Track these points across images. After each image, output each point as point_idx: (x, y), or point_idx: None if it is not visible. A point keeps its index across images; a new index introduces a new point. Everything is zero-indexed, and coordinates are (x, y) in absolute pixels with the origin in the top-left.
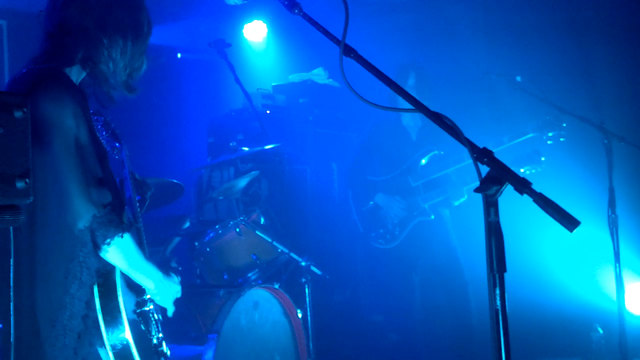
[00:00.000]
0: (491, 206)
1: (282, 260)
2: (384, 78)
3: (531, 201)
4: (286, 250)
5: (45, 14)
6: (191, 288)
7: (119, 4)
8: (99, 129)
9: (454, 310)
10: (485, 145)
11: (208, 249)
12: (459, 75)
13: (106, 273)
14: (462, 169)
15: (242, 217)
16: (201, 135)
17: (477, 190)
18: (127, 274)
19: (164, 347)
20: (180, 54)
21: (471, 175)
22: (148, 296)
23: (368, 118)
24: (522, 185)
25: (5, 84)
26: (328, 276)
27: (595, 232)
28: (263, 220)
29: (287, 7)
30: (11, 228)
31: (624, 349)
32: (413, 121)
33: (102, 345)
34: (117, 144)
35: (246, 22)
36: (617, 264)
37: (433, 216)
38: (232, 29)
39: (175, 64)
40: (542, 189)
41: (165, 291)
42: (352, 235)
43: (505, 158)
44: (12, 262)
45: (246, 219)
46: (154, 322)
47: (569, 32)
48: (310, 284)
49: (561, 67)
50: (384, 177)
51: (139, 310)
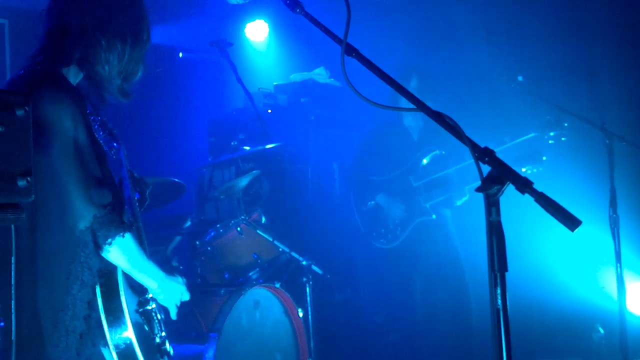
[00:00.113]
0: (492, 206)
1: (283, 259)
2: (385, 77)
3: (532, 201)
4: (287, 249)
5: (46, 12)
6: (192, 287)
7: (121, 9)
8: (96, 129)
9: (454, 310)
10: (487, 144)
11: (209, 248)
12: (460, 76)
13: (108, 273)
14: (464, 168)
15: (243, 217)
16: (202, 134)
17: (479, 189)
18: (129, 274)
19: (167, 346)
20: (182, 53)
21: (472, 174)
22: (150, 295)
23: (369, 118)
24: (524, 185)
25: (5, 84)
26: (329, 275)
27: (596, 232)
28: (264, 220)
29: (289, 6)
30: (13, 227)
31: (625, 349)
32: (414, 121)
33: (106, 345)
34: (114, 144)
35: (248, 22)
36: (618, 264)
37: (434, 216)
38: (233, 28)
39: (177, 63)
40: (543, 188)
41: (168, 291)
42: (353, 235)
43: (506, 157)
44: (14, 262)
45: (247, 218)
46: (157, 321)
47: (570, 32)
48: (311, 283)
49: (562, 67)
50: (385, 177)
51: (141, 310)
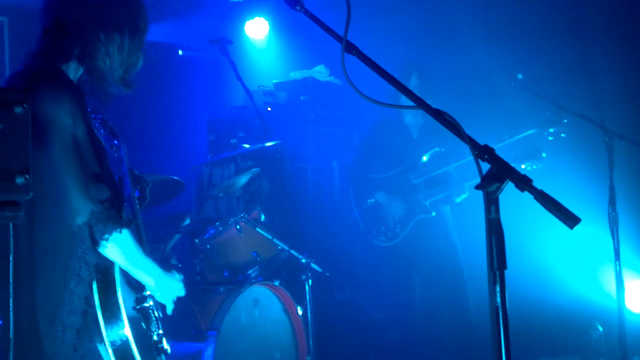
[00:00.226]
0: (492, 203)
1: (282, 257)
2: (385, 75)
3: (532, 198)
4: (286, 247)
5: (42, 9)
6: (191, 285)
7: (116, 0)
8: (97, 127)
9: (454, 308)
10: (486, 142)
11: (208, 246)
12: (460, 74)
13: (105, 269)
14: (463, 165)
15: (242, 215)
16: (202, 132)
17: (478, 187)
18: (126, 270)
19: (165, 344)
20: (182, 51)
21: (472, 171)
22: (148, 292)
23: (369, 116)
24: (523, 183)
25: (5, 80)
26: (328, 273)
27: (595, 230)
28: (263, 218)
29: (289, 4)
30: (11, 225)
31: (624, 346)
32: (414, 119)
33: (102, 341)
34: (115, 142)
35: (248, 19)
36: (617, 262)
37: (434, 213)
38: (233, 26)
39: (177, 61)
40: (543, 186)
41: (166, 288)
42: (352, 233)
43: (506, 154)
44: (12, 259)
45: (247, 216)
46: (154, 318)
47: (569, 31)
48: (310, 281)
49: (562, 66)
50: (385, 174)
51: (138, 307)
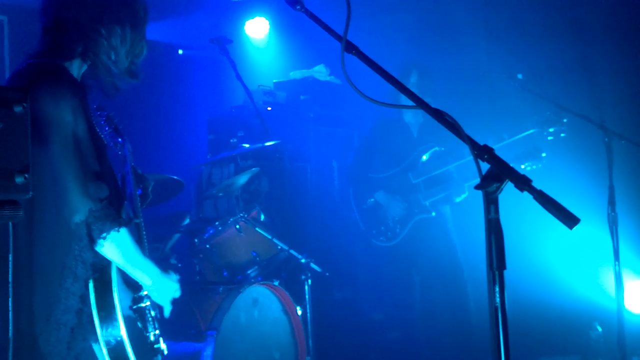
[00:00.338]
0: (491, 203)
1: (282, 257)
2: (385, 75)
3: (531, 198)
4: (286, 247)
5: (41, 8)
6: (190, 285)
7: None
8: (101, 124)
9: (453, 308)
10: (486, 141)
11: (208, 245)
12: (460, 73)
13: (102, 268)
14: (463, 165)
15: (242, 214)
16: (201, 131)
17: (478, 187)
18: (124, 269)
19: (161, 344)
20: (182, 50)
21: (472, 171)
22: (145, 292)
23: (369, 115)
24: (523, 183)
25: (6, 79)
26: (328, 273)
27: (594, 231)
28: (263, 217)
29: (289, 3)
30: (10, 224)
31: (623, 347)
32: (414, 118)
33: (96, 340)
34: (119, 140)
35: (248, 19)
36: (617, 262)
37: (434, 213)
38: (233, 25)
39: (177, 60)
40: (542, 186)
41: (162, 288)
42: (352, 233)
43: (506, 154)
44: (11, 258)
45: (246, 215)
46: (151, 318)
47: (569, 31)
48: (310, 281)
49: (562, 65)
50: (384, 174)
51: (135, 307)
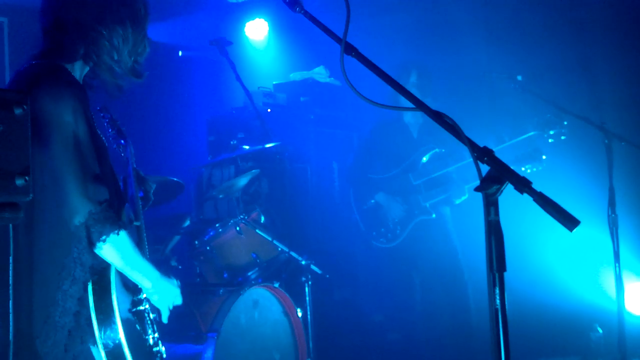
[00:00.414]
0: (491, 205)
1: (282, 259)
2: (385, 76)
3: (531, 200)
4: (286, 249)
5: (41, 10)
6: (191, 287)
7: None
8: (104, 126)
9: (453, 309)
10: (486, 143)
11: (208, 247)
12: (459, 74)
13: (101, 270)
14: (464, 167)
15: (242, 216)
16: (202, 133)
17: (478, 189)
18: (123, 272)
19: (160, 347)
20: (182, 51)
21: (472, 173)
22: (144, 295)
23: (369, 117)
24: (522, 185)
25: (9, 79)
26: (328, 275)
27: (595, 232)
28: (263, 219)
29: (289, 5)
30: (10, 225)
31: (623, 348)
32: (414, 118)
33: (94, 343)
34: (122, 141)
35: (248, 20)
36: (617, 263)
37: (434, 215)
38: (233, 27)
39: (177, 62)
40: (542, 188)
41: (163, 292)
42: (352, 234)
43: (506, 156)
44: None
45: (246, 217)
46: (150, 321)
47: (569, 32)
48: (310, 282)
49: (562, 67)
50: (385, 175)
51: (134, 310)
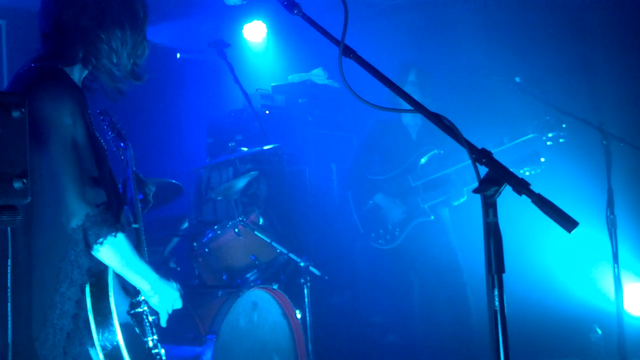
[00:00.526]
0: (490, 207)
1: (281, 260)
2: (383, 79)
3: (530, 202)
4: (285, 250)
5: (40, 13)
6: (189, 289)
7: None
8: (104, 129)
9: (453, 311)
10: (485, 146)
11: (207, 249)
12: (458, 76)
13: (99, 273)
14: (462, 169)
15: (240, 218)
16: (200, 135)
17: (476, 191)
18: (121, 274)
19: (159, 349)
20: (180, 54)
21: (471, 175)
22: (142, 298)
23: (367, 118)
24: (521, 186)
25: (8, 82)
26: (327, 277)
27: (593, 233)
28: (262, 221)
29: (287, 7)
30: (9, 228)
31: (623, 349)
32: (413, 120)
33: (93, 345)
34: (121, 144)
35: (246, 23)
36: (616, 264)
37: (433, 217)
38: (231, 29)
39: (175, 64)
40: (540, 189)
41: (162, 294)
42: (351, 236)
43: (505, 159)
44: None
45: (245, 219)
46: (148, 324)
47: (568, 34)
48: (309, 284)
49: (561, 68)
50: (384, 176)
51: (132, 312)
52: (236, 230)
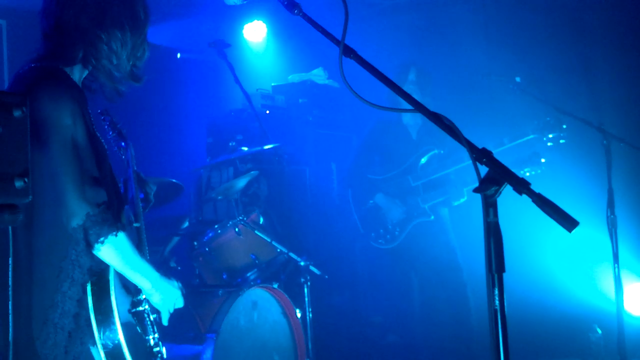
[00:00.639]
0: (490, 206)
1: (281, 260)
2: (383, 78)
3: (530, 202)
4: (285, 250)
5: (40, 13)
6: (190, 288)
7: None
8: (105, 128)
9: (453, 311)
10: (485, 146)
11: (207, 248)
12: (458, 76)
13: (100, 272)
14: (462, 169)
15: (241, 217)
16: (200, 135)
17: (476, 190)
18: (122, 273)
19: (161, 348)
20: (180, 54)
21: (471, 175)
22: (144, 296)
23: (368, 118)
24: (521, 186)
25: (9, 81)
26: (327, 276)
27: (594, 233)
28: (262, 220)
29: (287, 7)
30: (10, 228)
31: (623, 349)
32: (413, 120)
33: (94, 344)
34: (122, 144)
35: (246, 23)
36: (616, 264)
37: (433, 216)
38: (232, 29)
39: (175, 64)
40: (541, 189)
41: (164, 292)
42: (351, 236)
43: (505, 159)
44: (11, 262)
45: (245, 218)
46: (150, 322)
47: (568, 33)
48: (309, 284)
49: (561, 68)
50: (384, 176)
51: (133, 310)
52: (236, 230)
